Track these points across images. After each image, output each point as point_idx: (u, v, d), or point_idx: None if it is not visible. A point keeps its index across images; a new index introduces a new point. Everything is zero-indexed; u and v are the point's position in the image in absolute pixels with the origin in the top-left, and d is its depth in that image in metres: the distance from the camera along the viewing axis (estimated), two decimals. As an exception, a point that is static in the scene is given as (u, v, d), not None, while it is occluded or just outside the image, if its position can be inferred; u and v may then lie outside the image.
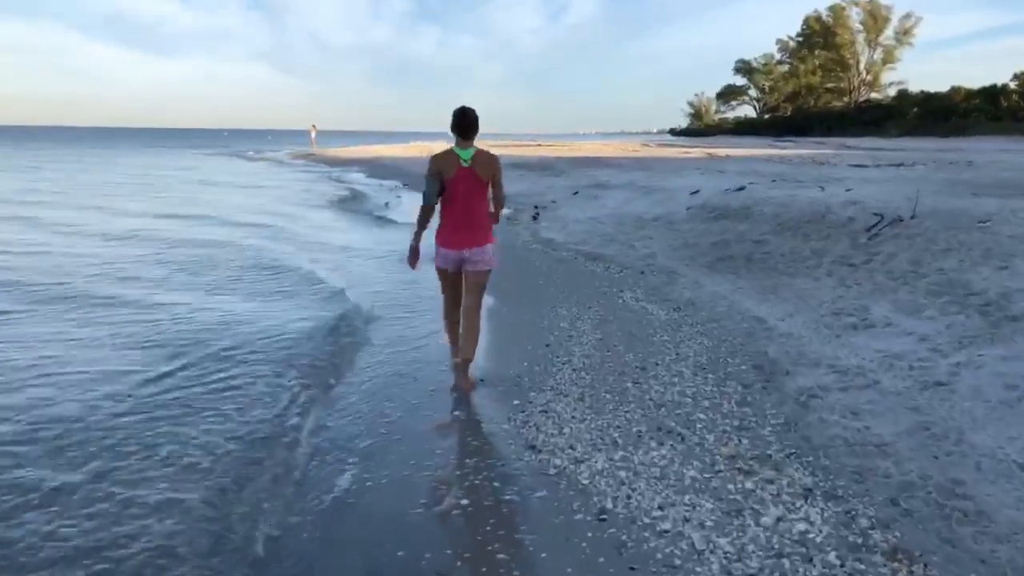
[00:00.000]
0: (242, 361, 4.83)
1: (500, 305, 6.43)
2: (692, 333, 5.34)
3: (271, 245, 9.77)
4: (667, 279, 7.08)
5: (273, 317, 5.97)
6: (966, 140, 40.38)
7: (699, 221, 9.41)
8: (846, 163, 16.30)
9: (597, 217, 10.84)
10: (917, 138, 46.15)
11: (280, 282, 7.43)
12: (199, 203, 15.66)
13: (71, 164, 31.97)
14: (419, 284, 6.84)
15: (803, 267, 6.77)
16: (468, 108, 4.22)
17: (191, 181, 23.26)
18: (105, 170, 28.54)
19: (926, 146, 30.37)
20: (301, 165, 32.82)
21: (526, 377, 4.56)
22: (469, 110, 4.21)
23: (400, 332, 5.68)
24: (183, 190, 19.48)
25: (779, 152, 22.92)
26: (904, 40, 69.26)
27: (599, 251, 8.58)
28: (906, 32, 69.01)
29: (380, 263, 8.68)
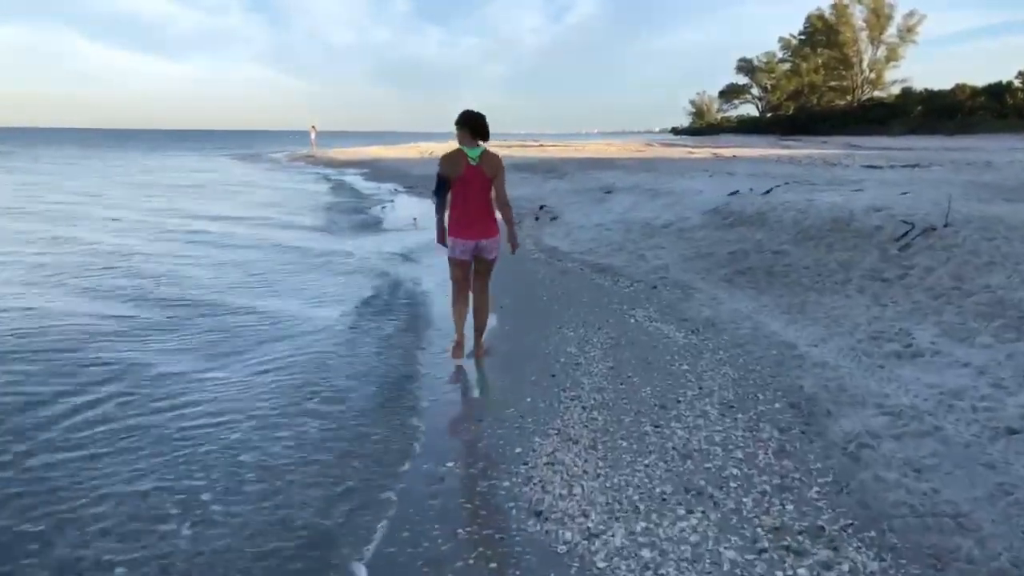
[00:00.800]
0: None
1: (501, 325, 5.86)
2: (714, 361, 4.76)
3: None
4: (682, 295, 6.50)
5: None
6: (973, 138, 39.59)
7: (713, 228, 8.81)
8: (858, 164, 15.68)
9: (603, 223, 10.26)
10: (922, 136, 45.42)
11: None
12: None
13: (93, 164, 31.46)
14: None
15: (830, 282, 6.18)
16: (474, 112, 4.68)
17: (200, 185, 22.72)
18: (121, 173, 28.00)
19: (934, 145, 29.71)
20: (297, 167, 32.24)
21: (530, 417, 3.98)
22: (474, 115, 4.66)
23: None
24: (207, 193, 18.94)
25: (787, 152, 22.27)
26: (907, 38, 68.40)
27: (607, 262, 8.00)
28: (909, 30, 68.16)
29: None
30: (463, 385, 4.66)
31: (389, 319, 6.14)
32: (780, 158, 18.61)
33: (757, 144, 37.56)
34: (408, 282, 7.59)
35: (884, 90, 69.64)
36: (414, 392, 4.45)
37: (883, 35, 69.08)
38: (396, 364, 4.98)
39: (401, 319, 6.16)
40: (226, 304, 6.53)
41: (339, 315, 6.22)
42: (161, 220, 12.79)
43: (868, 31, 69.51)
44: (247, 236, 11.07)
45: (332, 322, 5.99)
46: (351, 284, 7.56)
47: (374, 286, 7.38)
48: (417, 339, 5.58)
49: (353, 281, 7.72)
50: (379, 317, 6.19)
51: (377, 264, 8.70)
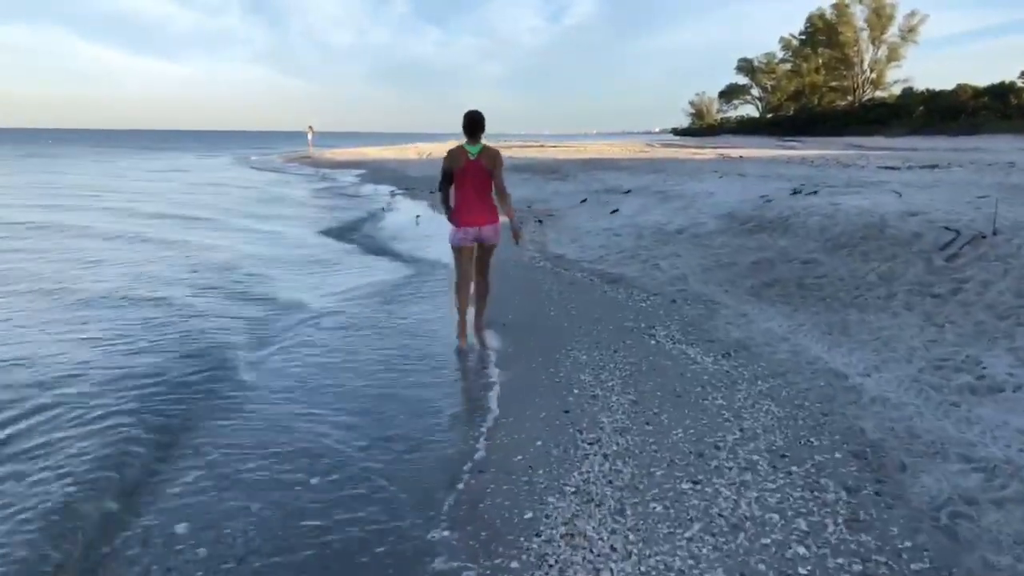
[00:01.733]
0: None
1: (506, 346, 5.19)
2: (753, 394, 4.08)
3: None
4: (706, 310, 5.82)
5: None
6: (978, 139, 38.91)
7: (731, 235, 8.14)
8: (874, 165, 15.01)
9: (612, 228, 9.58)
10: (926, 137, 44.78)
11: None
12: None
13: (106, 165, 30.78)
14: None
15: (872, 297, 5.51)
16: (476, 112, 5.12)
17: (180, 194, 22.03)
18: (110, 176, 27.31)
19: (941, 145, 29.06)
20: (290, 169, 31.53)
21: (541, 468, 3.31)
22: (477, 113, 5.12)
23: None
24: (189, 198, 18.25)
25: (797, 153, 21.59)
26: (909, 38, 67.78)
27: (619, 271, 7.32)
28: (911, 30, 67.53)
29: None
30: (464, 422, 3.99)
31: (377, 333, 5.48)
32: (791, 159, 17.93)
33: (759, 145, 36.91)
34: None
35: (885, 90, 69.03)
36: (407, 430, 3.79)
37: (884, 35, 68.47)
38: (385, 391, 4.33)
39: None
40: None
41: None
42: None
43: (869, 31, 68.90)
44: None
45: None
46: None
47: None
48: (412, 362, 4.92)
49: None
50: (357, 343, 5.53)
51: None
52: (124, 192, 19.23)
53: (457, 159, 5.11)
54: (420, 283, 7.37)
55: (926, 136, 46.51)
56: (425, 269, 8.12)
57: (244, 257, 8.93)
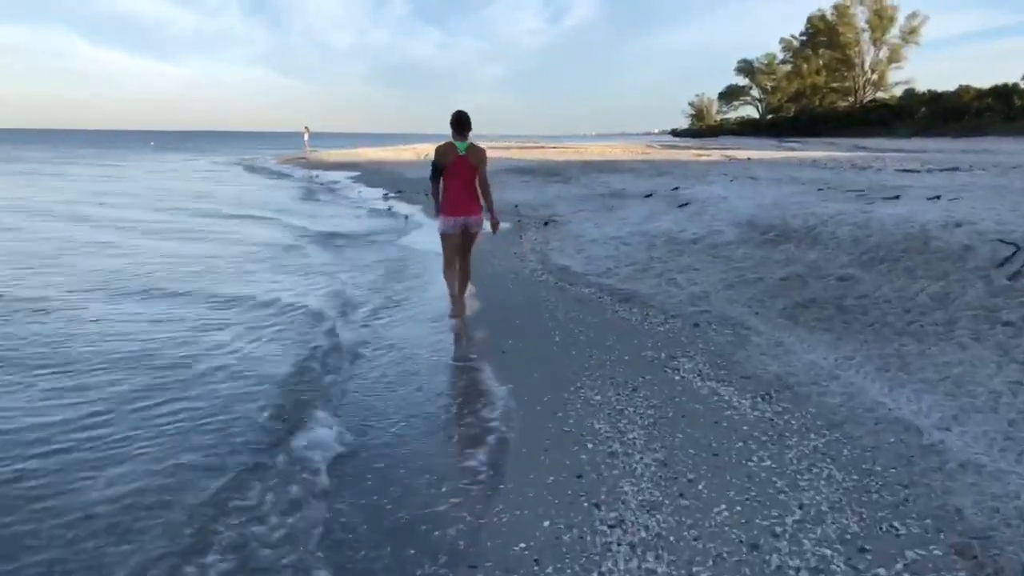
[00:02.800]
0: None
1: (503, 379, 4.43)
2: (807, 453, 3.31)
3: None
4: (735, 337, 5.05)
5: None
6: (984, 140, 38.18)
7: (753, 245, 7.37)
8: (891, 168, 14.24)
9: (620, 236, 8.81)
10: (930, 138, 44.04)
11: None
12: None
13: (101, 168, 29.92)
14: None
15: (929, 324, 4.74)
16: (463, 112, 5.51)
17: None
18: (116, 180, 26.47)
19: (949, 147, 28.27)
20: (281, 171, 30.69)
21: (550, 562, 2.55)
22: (464, 113, 5.51)
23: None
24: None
25: (808, 155, 20.79)
26: (910, 39, 67.08)
27: (631, 287, 6.54)
28: (912, 31, 66.83)
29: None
30: (451, 489, 3.21)
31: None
32: (801, 161, 17.15)
33: (760, 146, 36.14)
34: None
35: (886, 91, 68.33)
36: (381, 498, 3.01)
37: (885, 36, 67.79)
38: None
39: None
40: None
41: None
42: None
43: (870, 32, 68.21)
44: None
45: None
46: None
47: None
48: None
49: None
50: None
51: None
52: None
53: (447, 155, 5.55)
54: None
55: (929, 137, 45.81)
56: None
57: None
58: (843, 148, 32.01)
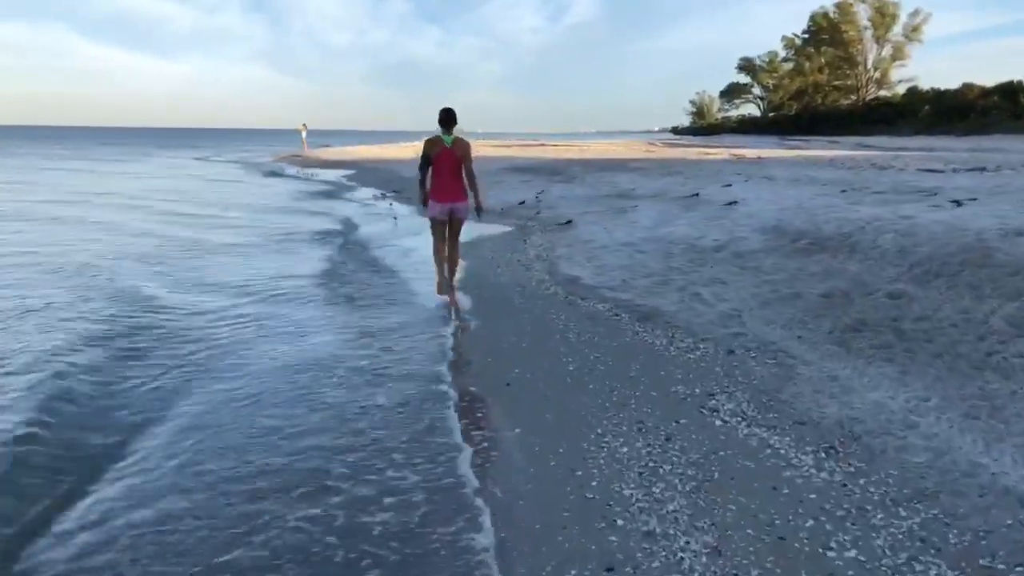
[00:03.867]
0: None
1: (510, 423, 3.69)
2: (902, 537, 2.57)
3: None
4: (778, 368, 4.30)
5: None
6: (991, 139, 37.39)
7: (783, 255, 6.62)
8: (913, 167, 13.47)
9: (633, 242, 8.06)
10: (935, 136, 43.26)
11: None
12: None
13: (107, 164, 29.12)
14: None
15: (1014, 356, 3.98)
16: (450, 108, 6.05)
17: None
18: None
19: (956, 145, 27.49)
20: (277, 168, 29.89)
21: None
22: (450, 110, 6.06)
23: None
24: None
25: (823, 154, 19.97)
26: (913, 37, 66.29)
27: (651, 303, 5.79)
28: (915, 29, 66.03)
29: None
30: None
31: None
32: (816, 160, 16.37)
33: (762, 144, 35.38)
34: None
35: (889, 89, 67.54)
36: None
37: (888, 34, 66.99)
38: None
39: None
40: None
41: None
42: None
43: (873, 30, 67.43)
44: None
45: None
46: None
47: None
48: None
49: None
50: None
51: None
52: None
53: (435, 147, 6.03)
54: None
55: (934, 136, 45.05)
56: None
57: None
58: (847, 147, 31.24)
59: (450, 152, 5.99)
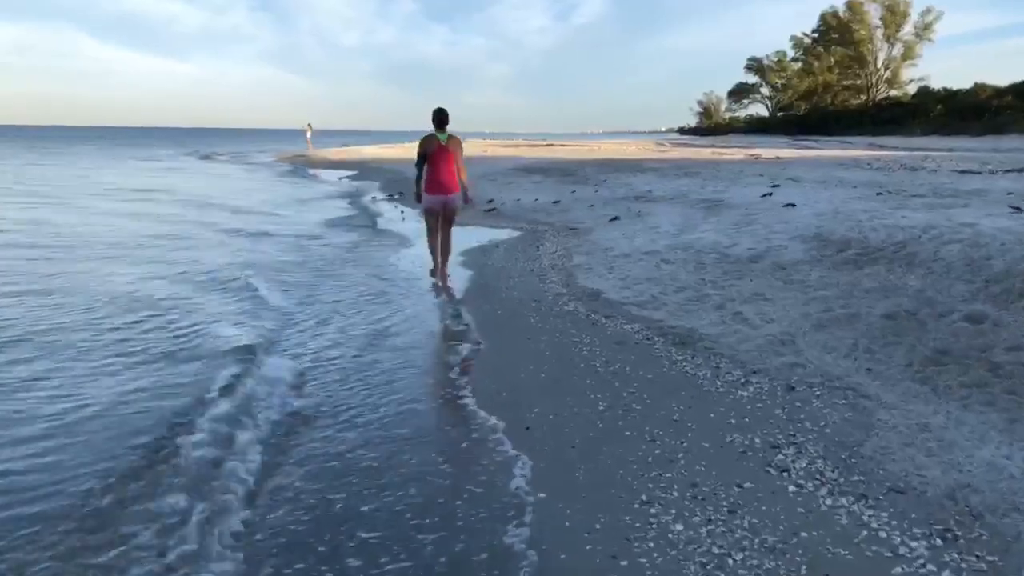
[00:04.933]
0: None
1: (531, 485, 2.95)
2: None
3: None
4: (852, 411, 3.56)
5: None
6: (1006, 139, 36.49)
7: (829, 266, 5.88)
8: (946, 168, 12.68)
9: (657, 250, 7.32)
10: (950, 137, 42.35)
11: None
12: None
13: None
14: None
15: None
16: (443, 109, 6.62)
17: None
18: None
19: (979, 146, 26.64)
20: (273, 168, 29.23)
21: None
22: (443, 110, 6.62)
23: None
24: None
25: (847, 154, 19.16)
26: (924, 35, 65.21)
27: (687, 324, 5.05)
28: (926, 27, 64.93)
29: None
30: None
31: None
32: (841, 160, 15.55)
33: (773, 144, 34.58)
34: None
35: (900, 89, 66.48)
36: None
37: (899, 33, 65.93)
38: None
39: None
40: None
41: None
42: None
43: (884, 28, 66.39)
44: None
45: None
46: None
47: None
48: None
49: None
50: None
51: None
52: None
53: (430, 144, 6.55)
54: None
55: (946, 136, 44.17)
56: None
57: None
58: (860, 147, 30.43)
59: (444, 148, 6.56)
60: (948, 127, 49.73)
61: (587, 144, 36.10)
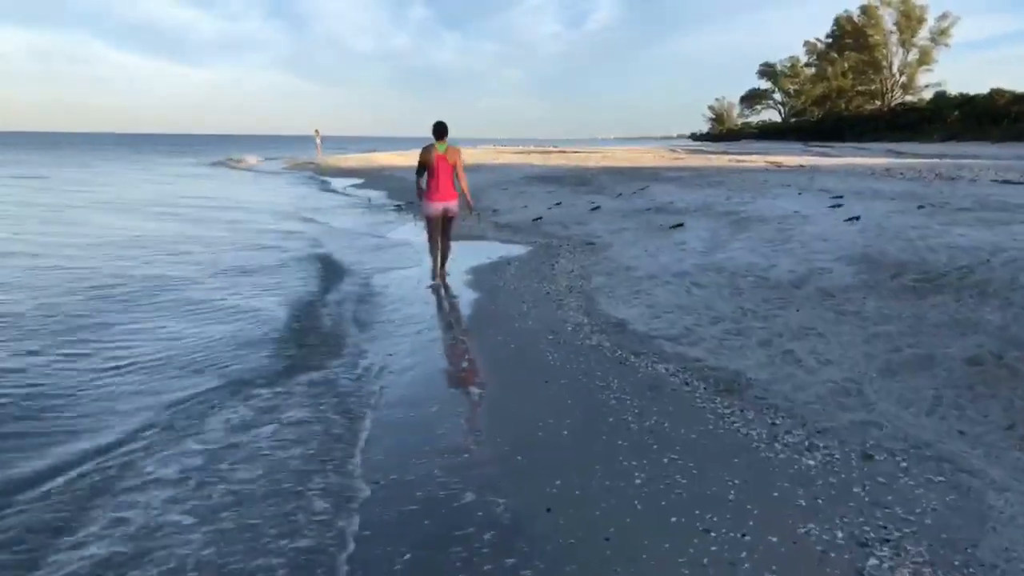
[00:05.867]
0: None
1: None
2: None
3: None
4: (954, 493, 2.84)
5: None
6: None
7: (886, 295, 5.15)
8: (985, 178, 11.89)
9: (686, 271, 6.62)
10: (969, 144, 41.30)
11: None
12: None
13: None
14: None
15: None
16: (442, 122, 6.93)
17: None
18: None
19: (1003, 153, 25.68)
20: (272, 177, 28.68)
21: None
22: (442, 123, 6.93)
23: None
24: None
25: (870, 162, 18.33)
26: (940, 40, 64.03)
27: (730, 365, 4.33)
28: (942, 32, 63.76)
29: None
30: None
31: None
32: (872, 169, 14.72)
33: (786, 150, 33.69)
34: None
35: (916, 94, 65.32)
36: None
37: (915, 38, 64.78)
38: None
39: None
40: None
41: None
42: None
43: (899, 33, 65.26)
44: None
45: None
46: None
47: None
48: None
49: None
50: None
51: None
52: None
53: (429, 154, 6.89)
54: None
55: (967, 143, 43.15)
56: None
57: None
58: (878, 153, 29.60)
59: (443, 158, 6.89)
60: (966, 133, 48.66)
61: (600, 150, 35.36)
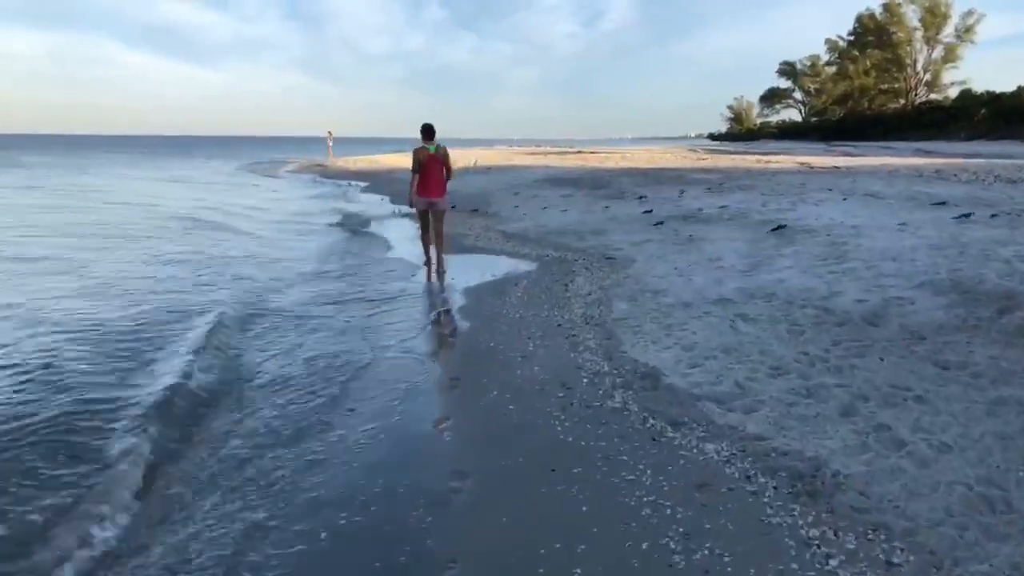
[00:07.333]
0: None
1: None
2: None
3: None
4: None
5: None
6: (1066, 144, 33.57)
7: (996, 338, 3.91)
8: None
9: (727, 297, 5.42)
10: (999, 142, 39.48)
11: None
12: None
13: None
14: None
15: None
16: (429, 124, 7.40)
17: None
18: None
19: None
20: (279, 177, 27.72)
21: None
22: (430, 125, 7.40)
23: None
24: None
25: (920, 162, 16.93)
26: (966, 38, 61.75)
27: (803, 448, 3.11)
28: (968, 29, 61.47)
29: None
30: None
31: None
32: (920, 170, 13.32)
33: (808, 150, 32.20)
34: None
35: (940, 93, 63.12)
36: None
37: (939, 35, 62.55)
38: None
39: None
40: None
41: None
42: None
43: (923, 31, 63.04)
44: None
45: None
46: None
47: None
48: None
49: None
50: None
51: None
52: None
53: (422, 154, 7.32)
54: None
55: (996, 141, 41.35)
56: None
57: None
58: (905, 153, 28.05)
59: (434, 157, 7.28)
60: (993, 131, 46.79)
61: (618, 151, 34.03)
